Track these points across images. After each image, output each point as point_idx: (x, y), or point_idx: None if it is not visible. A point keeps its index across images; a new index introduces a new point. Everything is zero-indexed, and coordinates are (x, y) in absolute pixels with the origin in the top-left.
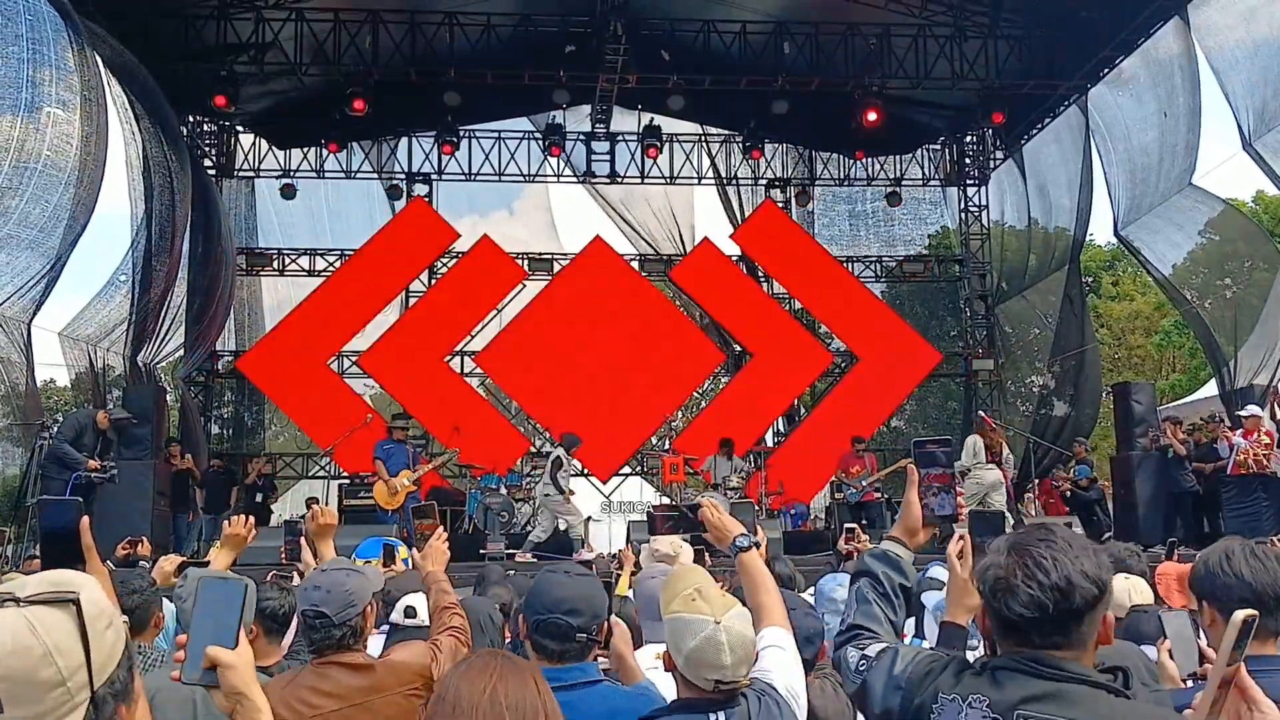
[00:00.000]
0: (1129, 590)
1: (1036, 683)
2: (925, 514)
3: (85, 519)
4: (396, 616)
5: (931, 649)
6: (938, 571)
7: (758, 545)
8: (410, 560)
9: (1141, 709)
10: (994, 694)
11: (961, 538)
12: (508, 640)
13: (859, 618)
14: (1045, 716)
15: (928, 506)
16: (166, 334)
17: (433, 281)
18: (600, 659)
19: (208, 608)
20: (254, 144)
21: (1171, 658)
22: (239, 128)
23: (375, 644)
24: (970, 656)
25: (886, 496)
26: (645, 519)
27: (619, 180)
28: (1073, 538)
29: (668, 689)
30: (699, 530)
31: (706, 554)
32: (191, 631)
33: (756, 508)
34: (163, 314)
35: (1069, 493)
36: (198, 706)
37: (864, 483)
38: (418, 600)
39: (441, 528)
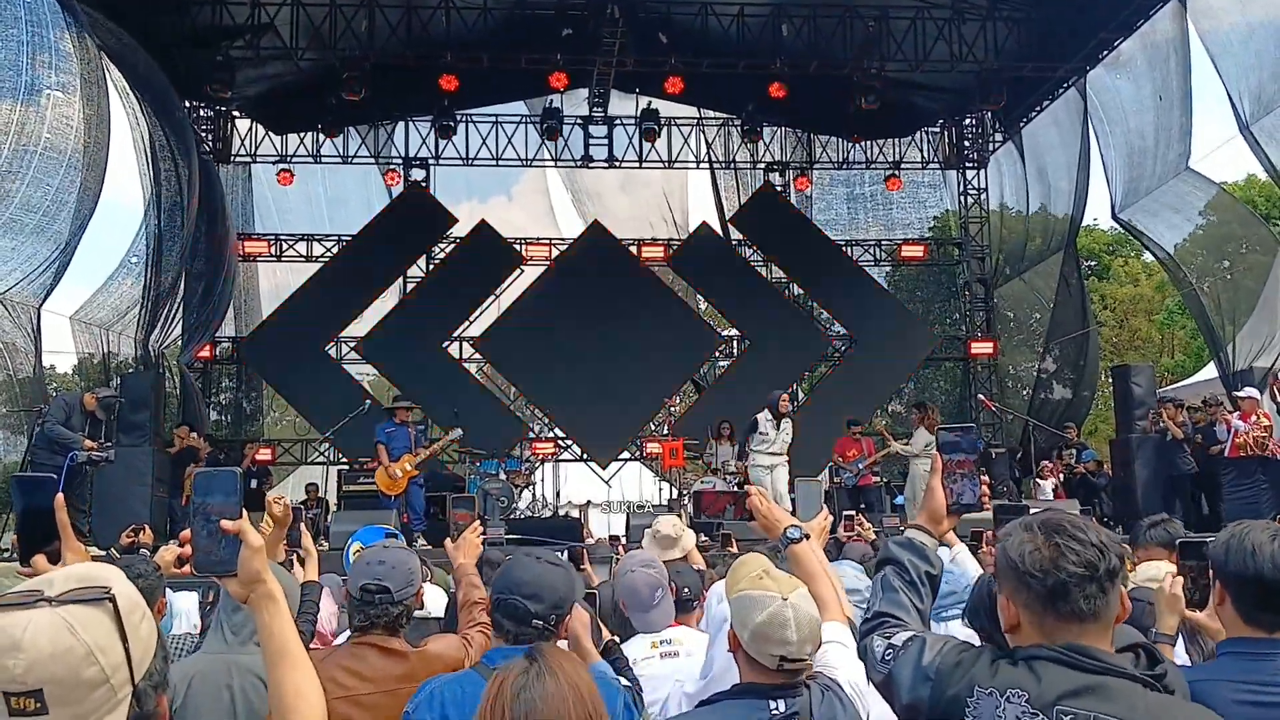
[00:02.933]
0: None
1: (1076, 675)
2: (950, 501)
3: (59, 496)
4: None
5: (960, 641)
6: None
7: (807, 536)
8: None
9: (1179, 705)
10: (1033, 688)
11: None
12: None
13: (885, 605)
14: (1086, 712)
15: (952, 493)
16: (173, 319)
17: (430, 266)
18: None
19: (208, 498)
20: (250, 129)
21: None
22: (235, 113)
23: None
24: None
25: (886, 480)
26: (691, 499)
27: (617, 165)
28: (1077, 517)
29: (660, 679)
30: (747, 518)
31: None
32: (195, 522)
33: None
34: (175, 299)
35: (1077, 477)
36: (234, 694)
37: (860, 466)
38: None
39: (478, 521)
